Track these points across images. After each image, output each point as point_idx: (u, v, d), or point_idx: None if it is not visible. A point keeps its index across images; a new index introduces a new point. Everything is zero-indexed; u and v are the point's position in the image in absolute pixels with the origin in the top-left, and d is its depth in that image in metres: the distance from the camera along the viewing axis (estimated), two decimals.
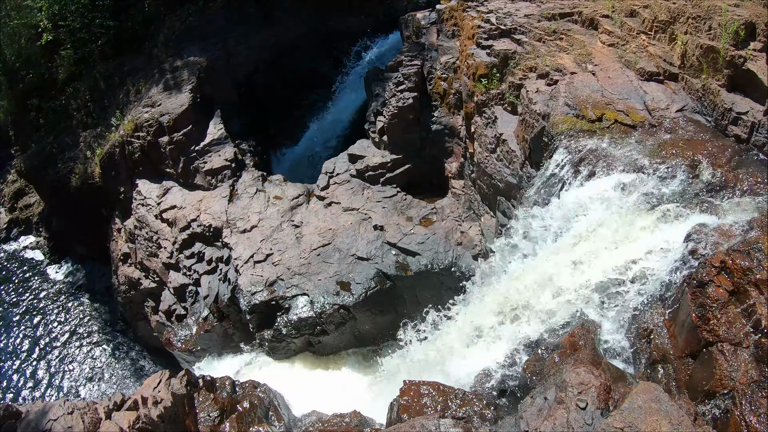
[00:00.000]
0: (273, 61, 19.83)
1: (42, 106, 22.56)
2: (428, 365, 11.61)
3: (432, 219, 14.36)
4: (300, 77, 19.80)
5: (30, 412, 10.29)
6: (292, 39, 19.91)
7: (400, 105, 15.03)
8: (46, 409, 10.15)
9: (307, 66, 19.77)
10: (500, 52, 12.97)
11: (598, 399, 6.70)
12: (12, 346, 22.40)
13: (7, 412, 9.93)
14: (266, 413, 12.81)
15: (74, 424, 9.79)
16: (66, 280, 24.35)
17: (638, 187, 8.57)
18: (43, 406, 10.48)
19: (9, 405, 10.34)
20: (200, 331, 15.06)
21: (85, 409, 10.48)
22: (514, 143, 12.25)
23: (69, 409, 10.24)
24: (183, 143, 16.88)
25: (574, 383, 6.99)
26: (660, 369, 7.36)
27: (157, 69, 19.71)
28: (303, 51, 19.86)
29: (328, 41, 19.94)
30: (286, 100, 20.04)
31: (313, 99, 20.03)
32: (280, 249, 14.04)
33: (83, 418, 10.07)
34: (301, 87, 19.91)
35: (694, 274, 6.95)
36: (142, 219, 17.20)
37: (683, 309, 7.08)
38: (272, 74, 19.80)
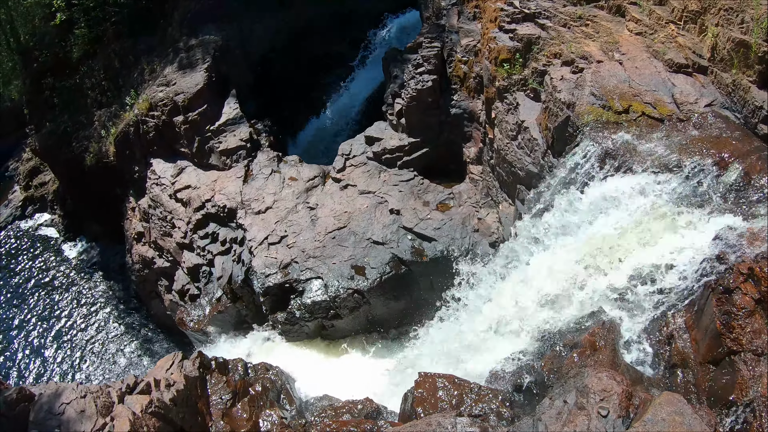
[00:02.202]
0: (289, 41, 19.56)
1: (56, 86, 22.47)
2: (443, 355, 11.49)
3: (449, 204, 14.13)
4: (316, 58, 19.56)
5: (43, 394, 10.21)
6: (309, 19, 19.64)
7: (419, 87, 14.73)
8: (59, 392, 10.11)
9: (323, 47, 19.50)
10: (524, 36, 12.61)
11: (619, 406, 6.51)
12: (25, 323, 22.61)
13: (21, 395, 9.86)
14: (278, 396, 12.77)
15: (87, 408, 9.78)
16: (80, 257, 24.51)
17: (664, 185, 8.33)
18: (56, 388, 10.44)
19: (23, 387, 10.30)
20: (213, 311, 15.02)
21: (98, 392, 10.44)
22: (536, 131, 11.95)
23: (82, 392, 10.19)
24: (198, 123, 16.75)
25: (596, 389, 6.77)
26: (679, 373, 7.26)
27: (172, 48, 19.54)
28: (319, 32, 19.58)
29: (345, 22, 19.60)
30: (302, 81, 19.80)
31: (329, 80, 19.77)
32: (295, 231, 13.91)
33: (96, 402, 10.02)
34: (318, 68, 19.67)
35: (720, 280, 6.78)
36: (157, 198, 17.14)
37: (707, 315, 6.93)
38: (288, 55, 19.55)
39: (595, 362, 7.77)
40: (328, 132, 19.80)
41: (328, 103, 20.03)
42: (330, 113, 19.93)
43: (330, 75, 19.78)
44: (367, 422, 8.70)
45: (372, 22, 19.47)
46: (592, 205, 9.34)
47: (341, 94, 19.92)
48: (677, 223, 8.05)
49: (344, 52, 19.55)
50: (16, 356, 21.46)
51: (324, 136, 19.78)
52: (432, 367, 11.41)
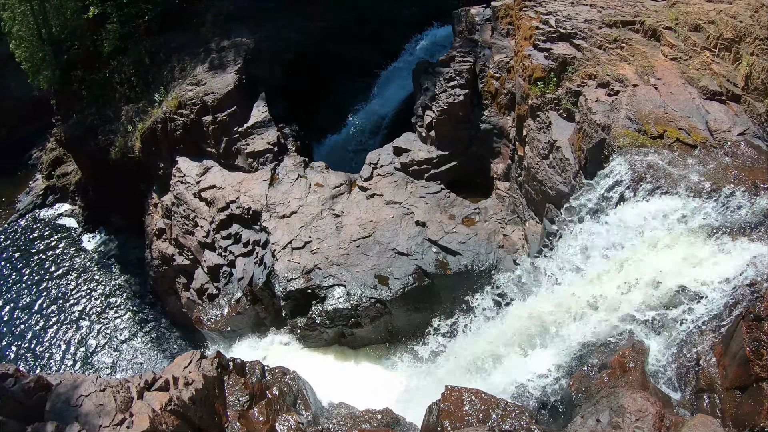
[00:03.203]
0: (319, 46, 19.67)
1: (85, 78, 22.69)
2: (464, 369, 11.43)
3: (474, 219, 14.10)
4: (345, 64, 19.63)
5: (60, 385, 10.16)
6: (340, 25, 19.75)
7: (451, 101, 14.78)
8: (77, 384, 10.04)
9: (353, 54, 19.59)
10: (559, 56, 12.64)
11: (653, 427, 6.55)
12: (40, 310, 22.73)
13: (38, 384, 9.79)
14: (294, 401, 12.73)
15: (106, 402, 9.70)
16: (99, 249, 24.65)
17: (697, 211, 8.36)
18: (74, 379, 10.39)
19: (41, 376, 10.26)
20: (232, 312, 15.04)
21: (118, 387, 10.38)
22: (568, 151, 11.94)
23: (101, 386, 10.13)
24: (226, 123, 16.84)
25: (631, 409, 6.86)
26: (705, 398, 7.24)
27: (203, 48, 19.70)
28: (350, 38, 19.66)
29: (376, 30, 19.69)
30: (330, 87, 19.88)
31: (357, 87, 19.83)
32: (319, 237, 13.92)
33: (115, 397, 9.94)
34: (347, 74, 19.73)
35: (751, 307, 6.75)
36: (180, 196, 17.23)
37: (736, 341, 6.90)
38: (318, 60, 19.64)
39: (626, 383, 7.76)
40: (353, 140, 19.84)
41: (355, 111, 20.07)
42: (357, 121, 19.98)
43: (358, 82, 19.84)
44: None
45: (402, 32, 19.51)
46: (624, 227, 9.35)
47: (369, 102, 19.97)
48: (709, 249, 8.06)
49: (373, 60, 19.60)
50: (30, 343, 21.56)
51: (349, 143, 19.82)
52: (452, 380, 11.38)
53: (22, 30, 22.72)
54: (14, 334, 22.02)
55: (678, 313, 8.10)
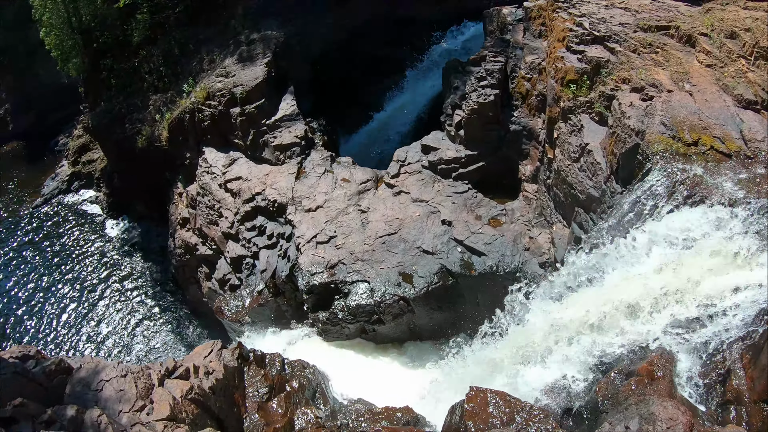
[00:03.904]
0: (348, 42, 19.65)
1: (114, 67, 22.90)
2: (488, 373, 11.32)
3: (501, 220, 13.98)
4: (373, 61, 19.59)
5: (82, 368, 10.24)
6: (369, 22, 19.70)
7: (481, 101, 14.66)
8: (98, 369, 10.20)
9: (381, 50, 19.53)
10: (592, 59, 12.51)
11: None
12: (61, 294, 23.02)
13: (59, 367, 9.94)
14: (313, 395, 12.74)
15: (127, 388, 9.82)
16: (122, 236, 24.93)
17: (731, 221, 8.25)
18: (95, 364, 10.45)
19: (62, 359, 10.33)
20: (254, 303, 15.08)
21: (139, 373, 10.44)
22: (600, 155, 11.79)
23: (122, 371, 10.19)
24: (254, 116, 16.88)
25: (662, 417, 6.77)
26: (732, 410, 7.14)
27: (233, 40, 19.78)
28: (378, 35, 19.61)
29: (404, 27, 19.61)
30: (358, 83, 19.86)
31: (385, 84, 19.78)
32: (344, 232, 13.89)
33: (136, 383, 10.01)
34: (374, 71, 19.69)
35: None
36: (206, 186, 17.31)
37: (766, 354, 6.81)
38: (346, 56, 19.64)
39: (654, 391, 7.64)
40: (380, 136, 19.80)
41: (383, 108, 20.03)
42: (383, 118, 19.94)
43: (386, 79, 19.78)
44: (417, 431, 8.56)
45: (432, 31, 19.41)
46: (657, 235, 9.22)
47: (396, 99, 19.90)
48: (742, 260, 7.94)
49: (402, 57, 19.53)
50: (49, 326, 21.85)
51: (376, 140, 19.78)
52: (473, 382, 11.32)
53: (52, 18, 22.96)
54: (34, 316, 22.35)
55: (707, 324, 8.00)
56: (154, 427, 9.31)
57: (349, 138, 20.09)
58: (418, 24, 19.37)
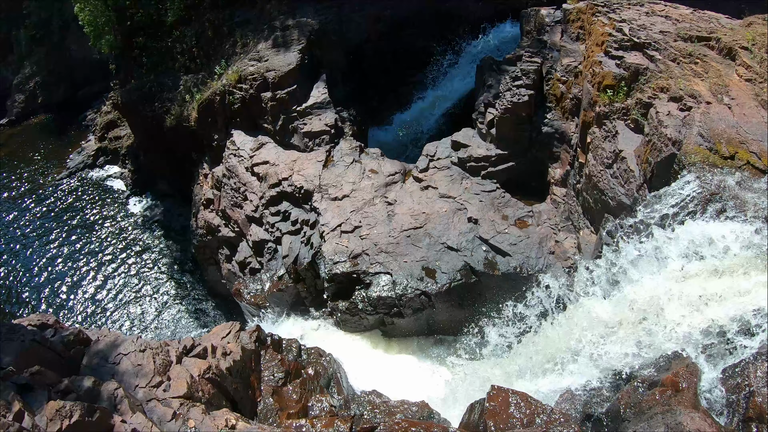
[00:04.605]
0: (384, 33, 19.52)
1: (147, 45, 23.08)
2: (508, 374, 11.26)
3: (527, 222, 13.85)
4: (409, 54, 19.45)
5: (100, 341, 10.31)
6: (407, 14, 19.54)
7: (515, 101, 14.52)
8: (117, 342, 10.25)
9: (417, 44, 19.36)
10: (631, 65, 12.35)
11: None
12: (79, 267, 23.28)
13: (77, 338, 10.03)
14: (328, 383, 12.72)
15: (144, 363, 9.83)
16: (144, 213, 25.16)
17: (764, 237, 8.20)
18: (114, 337, 10.48)
19: (81, 330, 10.37)
20: (273, 288, 15.09)
21: (158, 349, 10.44)
22: (633, 163, 11.67)
23: (141, 346, 10.22)
24: (285, 102, 16.88)
25: (690, 428, 6.79)
26: (754, 428, 7.00)
27: (268, 25, 19.77)
28: (415, 28, 19.45)
29: (442, 22, 19.46)
30: (391, 75, 19.77)
31: (418, 78, 19.67)
32: (370, 223, 13.84)
33: (155, 359, 10.01)
34: (409, 64, 19.57)
35: None
36: (232, 169, 17.36)
37: None
38: (382, 47, 19.52)
39: (678, 402, 7.56)
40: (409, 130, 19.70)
41: (414, 102, 19.93)
42: (414, 112, 19.85)
43: (420, 73, 19.66)
44: (438, 426, 8.51)
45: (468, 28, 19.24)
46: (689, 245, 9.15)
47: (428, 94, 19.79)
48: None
49: (437, 53, 19.38)
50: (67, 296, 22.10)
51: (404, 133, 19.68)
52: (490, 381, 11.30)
53: None
54: (51, 285, 22.62)
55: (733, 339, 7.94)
56: (170, 403, 9.25)
57: (378, 129, 20.01)
58: (456, 20, 19.18)
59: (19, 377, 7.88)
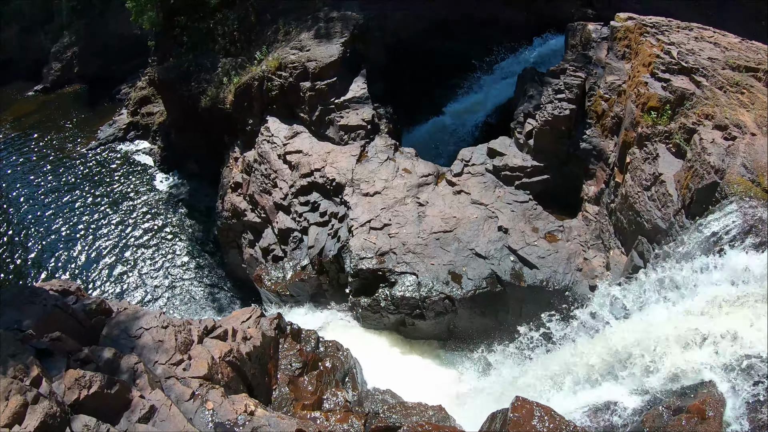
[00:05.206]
0: (427, 34, 19.51)
1: (188, 25, 23.23)
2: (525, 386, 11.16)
3: (557, 236, 13.73)
4: (449, 59, 19.42)
5: (122, 312, 10.27)
6: (450, 17, 19.52)
7: (556, 113, 14.41)
8: (138, 315, 10.20)
9: (458, 48, 19.34)
10: (677, 89, 12.19)
11: None
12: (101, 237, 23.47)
13: (100, 308, 10.00)
14: (343, 378, 12.69)
15: (166, 340, 9.76)
16: (169, 191, 25.31)
17: None
18: (135, 311, 10.43)
19: (103, 300, 10.30)
20: (295, 278, 15.11)
21: (180, 327, 10.35)
22: (672, 187, 11.53)
23: (164, 322, 10.15)
24: (324, 93, 16.89)
25: None
26: None
27: (312, 16, 19.84)
28: (458, 32, 19.43)
29: (485, 29, 19.40)
30: (429, 76, 19.74)
31: (456, 82, 19.62)
32: (399, 222, 13.81)
33: (176, 336, 9.94)
34: (448, 68, 19.52)
35: None
36: (265, 155, 17.41)
37: None
38: (422, 48, 19.51)
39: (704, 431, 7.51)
40: (443, 133, 19.66)
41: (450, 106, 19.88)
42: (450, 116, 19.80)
43: (458, 77, 19.61)
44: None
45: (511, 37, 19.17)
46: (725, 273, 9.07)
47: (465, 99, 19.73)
48: None
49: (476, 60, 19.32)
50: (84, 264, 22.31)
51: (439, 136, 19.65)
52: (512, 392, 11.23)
53: None
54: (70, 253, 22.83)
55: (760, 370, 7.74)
56: (188, 383, 9.14)
57: (413, 130, 19.99)
58: (500, 28, 19.13)
59: (38, 342, 7.78)
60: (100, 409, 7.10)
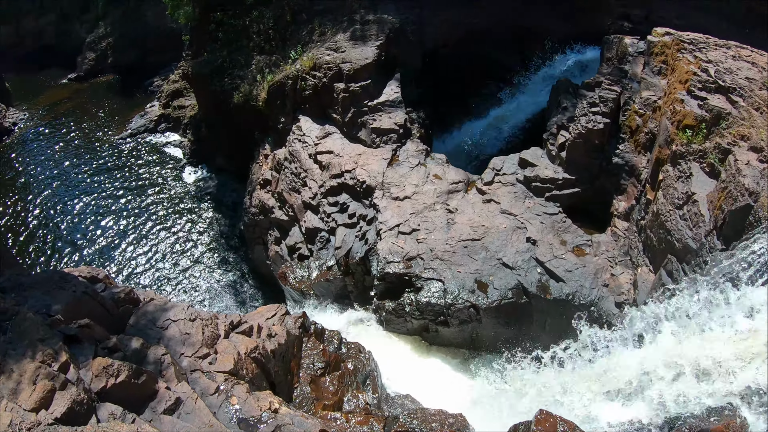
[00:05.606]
0: (462, 41, 19.50)
1: (224, 22, 23.46)
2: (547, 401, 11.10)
3: (585, 251, 13.66)
4: (483, 67, 19.40)
5: (150, 303, 10.23)
6: (486, 24, 19.45)
7: (590, 127, 14.35)
8: (166, 307, 10.18)
9: (493, 58, 19.31)
10: (714, 108, 12.04)
11: None
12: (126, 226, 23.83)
13: (128, 297, 9.98)
14: (364, 380, 12.71)
15: (193, 333, 9.71)
16: (197, 184, 25.62)
17: None
18: (164, 302, 10.41)
19: (132, 290, 10.31)
20: (320, 277, 15.22)
21: (208, 321, 10.30)
22: (704, 207, 11.40)
23: (191, 315, 10.11)
24: (357, 95, 17.01)
25: None
26: None
27: (347, 17, 19.94)
28: (494, 40, 19.36)
29: (521, 38, 19.33)
30: (464, 83, 19.73)
31: (490, 91, 19.59)
32: (428, 228, 13.84)
33: (204, 330, 9.90)
34: (482, 75, 19.50)
35: None
36: (295, 154, 17.56)
37: None
38: (458, 53, 19.51)
39: None
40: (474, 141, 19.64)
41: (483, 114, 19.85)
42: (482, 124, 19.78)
43: (492, 86, 19.58)
44: None
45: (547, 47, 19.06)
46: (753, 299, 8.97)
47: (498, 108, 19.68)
48: None
49: (512, 68, 19.27)
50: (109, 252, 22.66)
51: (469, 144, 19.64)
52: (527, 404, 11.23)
53: None
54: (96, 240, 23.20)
55: None
56: (214, 377, 9.09)
57: (444, 137, 20.00)
58: (537, 38, 19.03)
59: (67, 327, 7.72)
60: (126, 399, 7.11)
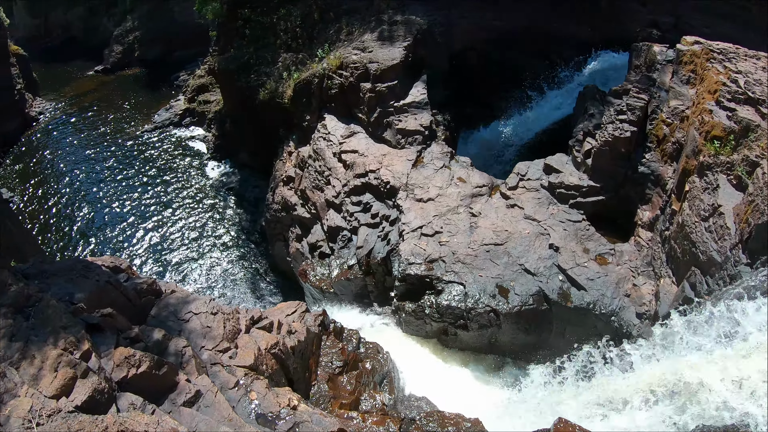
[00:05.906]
0: (490, 44, 19.48)
1: (251, 19, 23.64)
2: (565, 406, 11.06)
3: (607, 259, 13.59)
4: (509, 71, 19.35)
5: (172, 295, 10.33)
6: (514, 29, 19.41)
7: (617, 134, 14.26)
8: (188, 299, 10.26)
9: (520, 60, 19.25)
10: (743, 119, 11.87)
11: None
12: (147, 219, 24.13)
13: (150, 288, 10.07)
14: (381, 381, 12.78)
15: (214, 327, 9.78)
16: (220, 179, 25.86)
17: None
18: (186, 295, 10.49)
19: (155, 281, 10.38)
20: (341, 276, 15.32)
21: (229, 315, 10.30)
22: (731, 220, 11.25)
23: (213, 309, 10.17)
24: (384, 95, 17.07)
25: None
26: None
27: (375, 18, 20.02)
28: (521, 44, 19.32)
29: (548, 44, 19.26)
30: (489, 87, 19.71)
31: (515, 95, 19.55)
32: (451, 231, 13.87)
33: (225, 324, 9.97)
34: (508, 79, 19.46)
35: None
36: (320, 152, 17.67)
37: None
38: (484, 57, 19.50)
39: None
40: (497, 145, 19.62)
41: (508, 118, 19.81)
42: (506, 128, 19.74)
43: (518, 90, 19.53)
44: None
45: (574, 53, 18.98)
46: None
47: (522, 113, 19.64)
48: None
49: (539, 73, 19.20)
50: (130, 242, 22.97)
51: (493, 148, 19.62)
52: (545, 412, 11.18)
53: None
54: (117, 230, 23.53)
55: None
56: (234, 371, 9.13)
57: (467, 139, 19.99)
58: (562, 43, 18.96)
59: (90, 316, 7.74)
60: (147, 389, 7.13)
